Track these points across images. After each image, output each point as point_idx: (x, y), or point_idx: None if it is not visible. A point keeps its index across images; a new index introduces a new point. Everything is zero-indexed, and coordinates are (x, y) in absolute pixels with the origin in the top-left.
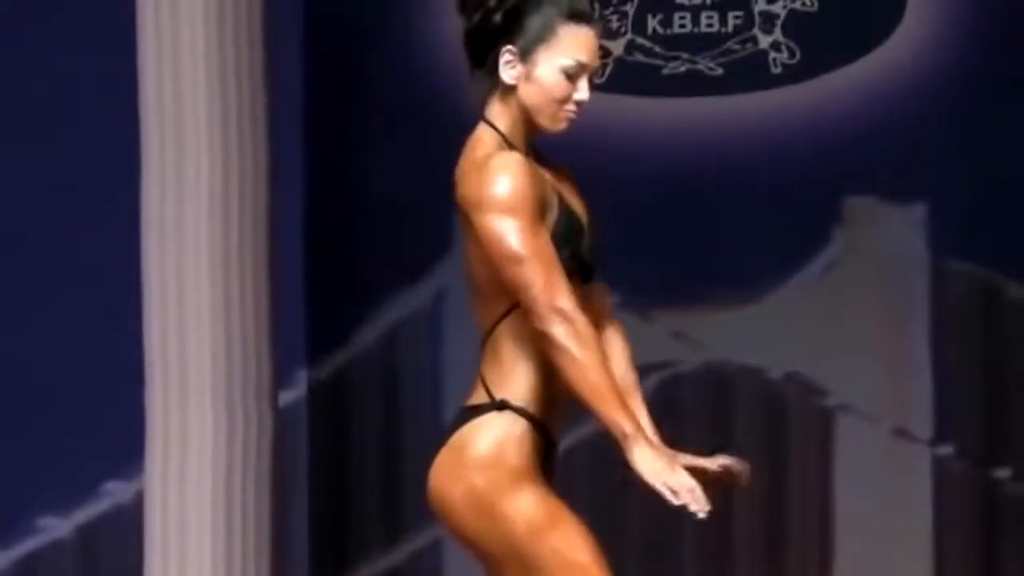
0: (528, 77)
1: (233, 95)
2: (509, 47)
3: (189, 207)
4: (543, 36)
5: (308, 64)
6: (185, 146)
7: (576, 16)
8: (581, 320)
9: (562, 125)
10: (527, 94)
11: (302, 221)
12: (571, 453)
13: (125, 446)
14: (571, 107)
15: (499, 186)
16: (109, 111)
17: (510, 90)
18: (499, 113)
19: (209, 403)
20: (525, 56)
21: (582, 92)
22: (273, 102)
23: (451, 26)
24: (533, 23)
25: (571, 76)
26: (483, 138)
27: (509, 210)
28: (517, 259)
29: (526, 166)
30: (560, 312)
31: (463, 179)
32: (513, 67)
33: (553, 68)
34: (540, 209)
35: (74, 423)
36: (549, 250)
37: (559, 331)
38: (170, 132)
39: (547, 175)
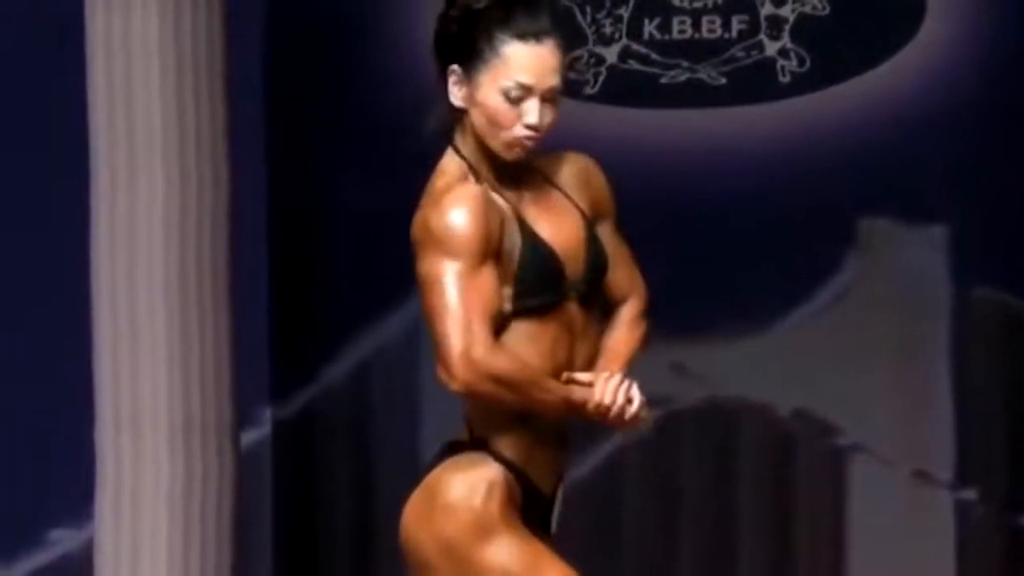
0: (473, 100)
1: (190, 118)
2: (454, 67)
3: (142, 233)
4: (485, 56)
5: (269, 82)
6: (138, 170)
7: (522, 34)
8: (491, 361)
9: (515, 152)
10: (475, 117)
11: (266, 247)
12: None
13: (73, 491)
14: (521, 132)
15: (445, 226)
16: (55, 136)
17: (467, 113)
18: (462, 137)
19: (165, 443)
20: (470, 77)
21: (531, 116)
22: (232, 125)
23: (427, 34)
24: (477, 41)
25: (515, 99)
26: (446, 167)
27: (447, 252)
28: (438, 309)
29: (479, 202)
30: (472, 363)
31: (418, 212)
32: (460, 88)
33: (494, 91)
34: (485, 249)
35: (17, 466)
36: (478, 297)
37: (478, 385)
38: (121, 156)
39: (509, 201)
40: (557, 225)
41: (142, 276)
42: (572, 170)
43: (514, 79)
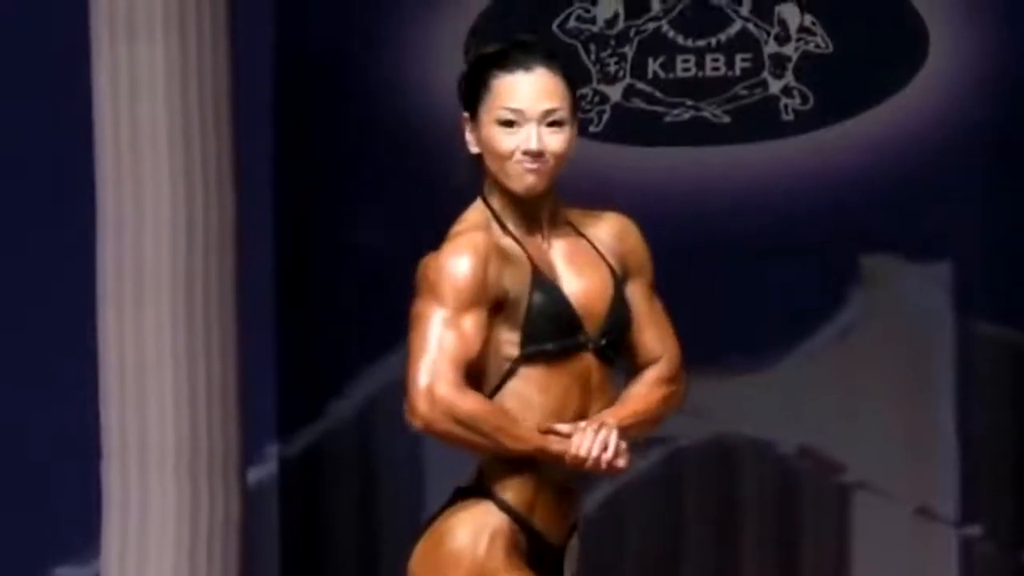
0: (480, 141)
1: (197, 152)
2: (465, 114)
3: (148, 267)
4: (482, 95)
5: (277, 116)
6: (145, 204)
7: (510, 67)
8: (454, 401)
9: (527, 181)
10: (486, 159)
11: (273, 284)
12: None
13: (79, 527)
14: (521, 159)
15: (438, 270)
16: (62, 173)
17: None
18: (488, 187)
19: (171, 480)
20: (476, 121)
21: (529, 141)
22: (240, 160)
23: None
24: (478, 86)
25: (510, 124)
26: (468, 215)
27: (435, 296)
28: (414, 348)
29: (478, 251)
30: (435, 401)
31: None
32: (471, 134)
33: (491, 124)
34: (476, 296)
35: (22, 502)
36: (457, 341)
37: (440, 423)
38: (128, 191)
39: (529, 249)
40: (581, 277)
41: (149, 312)
42: (608, 228)
43: (504, 105)
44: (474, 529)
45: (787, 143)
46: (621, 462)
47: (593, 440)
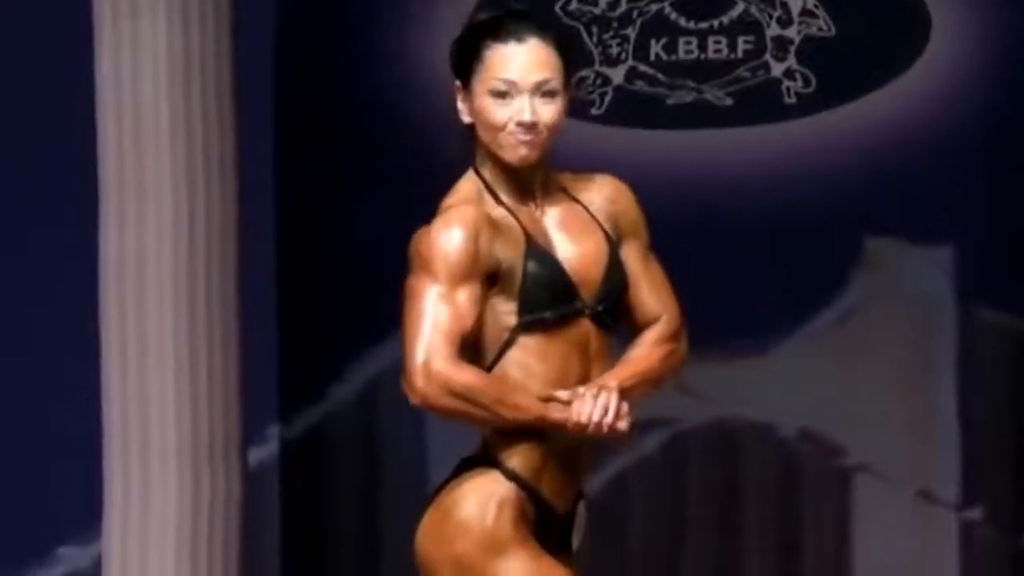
0: (473, 111)
1: (199, 135)
2: (457, 83)
3: (151, 251)
4: (474, 66)
5: (279, 103)
6: (147, 187)
7: (503, 38)
8: (451, 374)
9: (519, 152)
10: (479, 129)
11: (275, 267)
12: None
13: (81, 507)
14: (514, 130)
15: (429, 245)
16: (63, 169)
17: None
18: (481, 157)
19: (172, 461)
20: (469, 91)
21: (523, 112)
22: (241, 146)
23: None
24: (471, 55)
25: (503, 95)
26: (460, 187)
27: (427, 271)
28: (409, 324)
29: (469, 224)
30: (432, 375)
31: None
32: (464, 103)
33: (484, 95)
34: (468, 270)
35: (25, 481)
36: (451, 316)
37: (438, 398)
38: (130, 181)
39: (522, 218)
40: (575, 244)
41: (151, 294)
42: (600, 191)
43: (497, 76)
44: (481, 498)
45: (789, 126)
46: (622, 424)
47: (593, 405)
